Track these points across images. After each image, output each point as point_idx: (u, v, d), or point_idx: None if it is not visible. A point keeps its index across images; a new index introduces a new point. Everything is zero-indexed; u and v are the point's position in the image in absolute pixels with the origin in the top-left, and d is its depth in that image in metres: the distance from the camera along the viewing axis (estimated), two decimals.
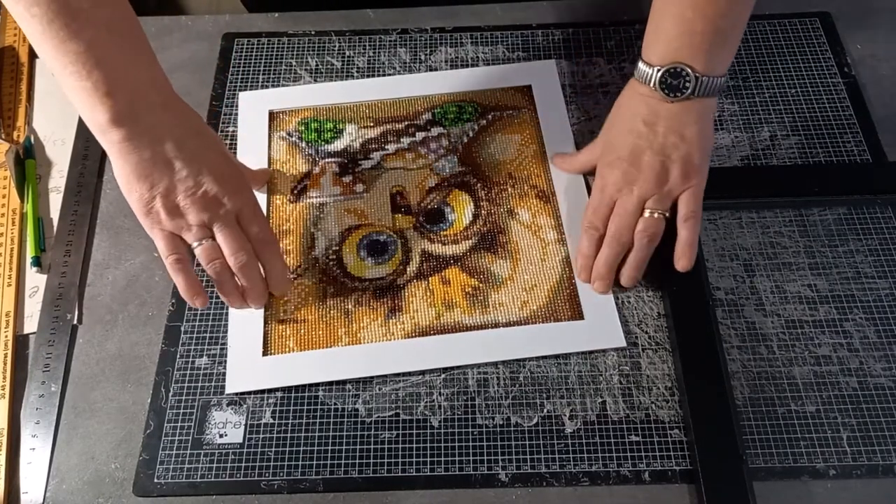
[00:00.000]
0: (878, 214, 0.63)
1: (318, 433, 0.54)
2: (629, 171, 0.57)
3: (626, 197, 0.57)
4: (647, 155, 0.57)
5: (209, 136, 0.57)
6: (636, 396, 0.55)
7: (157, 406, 0.56)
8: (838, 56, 0.72)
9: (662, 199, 0.57)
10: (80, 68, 0.49)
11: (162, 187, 0.53)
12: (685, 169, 0.56)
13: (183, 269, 0.55)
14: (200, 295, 0.55)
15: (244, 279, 0.56)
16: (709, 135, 0.58)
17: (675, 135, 0.56)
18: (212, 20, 0.77)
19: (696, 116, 0.57)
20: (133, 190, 0.53)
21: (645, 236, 0.57)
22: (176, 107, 0.55)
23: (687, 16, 0.54)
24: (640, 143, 0.57)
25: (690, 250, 0.56)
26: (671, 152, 0.56)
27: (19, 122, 0.71)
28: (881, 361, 0.56)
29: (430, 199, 0.65)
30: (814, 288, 0.59)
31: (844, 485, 0.52)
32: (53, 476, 0.54)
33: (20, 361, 0.58)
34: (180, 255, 0.55)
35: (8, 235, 0.64)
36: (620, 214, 0.57)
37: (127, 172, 0.53)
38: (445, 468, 0.53)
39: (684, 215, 0.57)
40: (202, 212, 0.54)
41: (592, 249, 0.58)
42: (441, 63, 0.73)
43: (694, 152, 0.57)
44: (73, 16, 0.48)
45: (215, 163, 0.55)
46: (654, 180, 0.57)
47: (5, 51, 0.75)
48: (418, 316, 0.59)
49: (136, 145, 0.52)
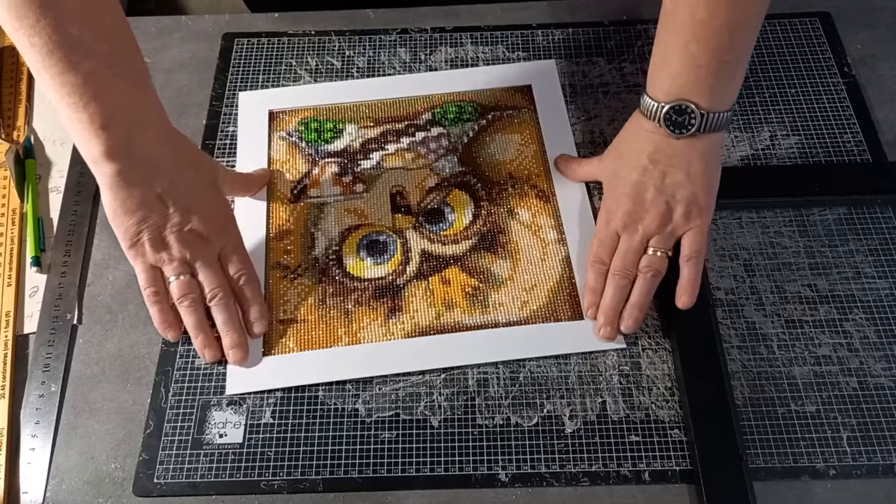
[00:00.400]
0: (878, 214, 0.63)
1: (318, 433, 0.54)
2: (634, 209, 0.57)
3: (630, 234, 0.57)
4: (651, 193, 0.57)
5: (202, 170, 0.58)
6: (636, 396, 0.55)
7: (156, 406, 0.56)
8: (838, 56, 0.72)
9: (666, 238, 0.57)
10: (77, 100, 0.49)
11: (150, 223, 0.54)
12: (689, 209, 0.56)
13: (158, 302, 0.56)
14: (173, 328, 0.56)
15: (218, 314, 0.56)
16: (714, 171, 0.57)
17: (681, 173, 0.56)
18: (212, 20, 0.77)
19: (702, 153, 0.56)
20: (121, 223, 0.54)
21: (648, 272, 0.57)
22: (172, 141, 0.56)
23: (691, 49, 0.53)
24: (645, 180, 0.57)
25: (692, 288, 0.56)
26: (676, 192, 0.56)
27: (19, 122, 0.71)
28: (881, 361, 0.56)
29: (430, 199, 0.65)
30: (814, 288, 0.59)
31: (844, 485, 0.52)
32: (53, 476, 0.54)
33: (20, 361, 0.58)
34: (157, 289, 0.56)
35: (8, 235, 0.64)
36: (624, 252, 0.57)
37: (116, 206, 0.53)
38: (445, 468, 0.53)
39: (687, 255, 0.57)
40: (185, 248, 0.55)
41: (600, 283, 0.58)
42: (441, 63, 0.73)
43: (699, 192, 0.56)
44: (73, 48, 0.48)
45: (205, 201, 0.57)
46: (659, 220, 0.57)
47: (5, 51, 0.75)
48: (418, 316, 0.59)
49: (127, 180, 0.53)
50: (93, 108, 0.50)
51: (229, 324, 0.57)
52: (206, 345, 0.56)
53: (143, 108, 0.54)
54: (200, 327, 0.56)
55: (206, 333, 0.56)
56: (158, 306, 0.56)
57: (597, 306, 0.57)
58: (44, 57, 0.48)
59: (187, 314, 0.56)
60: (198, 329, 0.56)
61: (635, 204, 0.57)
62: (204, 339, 0.56)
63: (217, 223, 0.57)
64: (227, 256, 0.58)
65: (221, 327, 0.57)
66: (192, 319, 0.56)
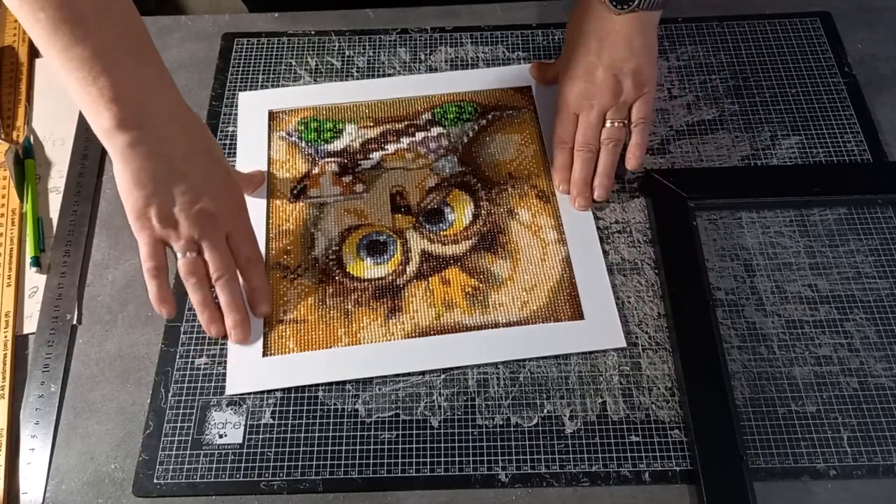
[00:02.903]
0: (879, 214, 0.62)
1: (318, 433, 0.54)
2: (587, 87, 0.62)
3: (587, 112, 0.63)
4: (601, 71, 0.62)
5: (214, 150, 0.57)
6: (636, 397, 0.55)
7: (156, 406, 0.56)
8: (838, 56, 0.72)
9: (620, 108, 0.62)
10: (85, 74, 0.49)
11: (160, 198, 0.53)
12: (636, 79, 0.61)
13: (157, 277, 0.55)
14: (168, 304, 0.56)
15: (222, 295, 0.57)
16: (654, 45, 0.63)
17: (625, 48, 0.61)
18: (212, 20, 0.77)
19: (641, 28, 0.61)
20: (130, 195, 0.53)
21: (610, 143, 0.63)
22: (184, 118, 0.55)
23: None
24: (593, 59, 0.62)
25: (640, 151, 0.62)
26: (622, 66, 0.61)
27: (19, 122, 0.71)
28: (882, 361, 0.56)
29: (430, 199, 0.64)
30: (814, 288, 0.59)
31: (845, 485, 0.52)
32: (53, 476, 0.54)
33: (20, 362, 0.58)
34: (159, 263, 0.55)
35: (7, 235, 0.64)
36: (585, 128, 0.63)
37: (127, 178, 0.53)
38: (445, 468, 0.53)
39: (635, 121, 0.62)
40: (194, 227, 0.55)
41: (566, 161, 0.64)
42: (441, 63, 0.73)
43: (644, 64, 0.62)
44: (79, 22, 0.48)
45: (216, 182, 0.56)
46: (610, 93, 0.62)
47: (5, 50, 0.75)
48: (418, 316, 0.59)
49: (139, 153, 0.52)
50: (102, 82, 0.49)
51: (233, 304, 0.57)
52: (212, 320, 0.57)
53: (154, 81, 0.53)
54: (206, 304, 0.57)
55: (212, 310, 0.57)
56: (157, 281, 0.55)
57: (567, 182, 0.63)
58: (50, 32, 0.48)
59: (193, 291, 0.57)
60: (203, 305, 0.57)
61: (587, 83, 0.62)
62: (210, 314, 0.57)
63: (228, 206, 0.57)
64: (236, 239, 0.58)
65: (225, 307, 0.57)
66: (199, 296, 0.57)
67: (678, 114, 0.69)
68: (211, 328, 0.57)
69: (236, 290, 0.58)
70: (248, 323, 0.58)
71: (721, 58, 0.72)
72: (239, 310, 0.57)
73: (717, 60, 0.72)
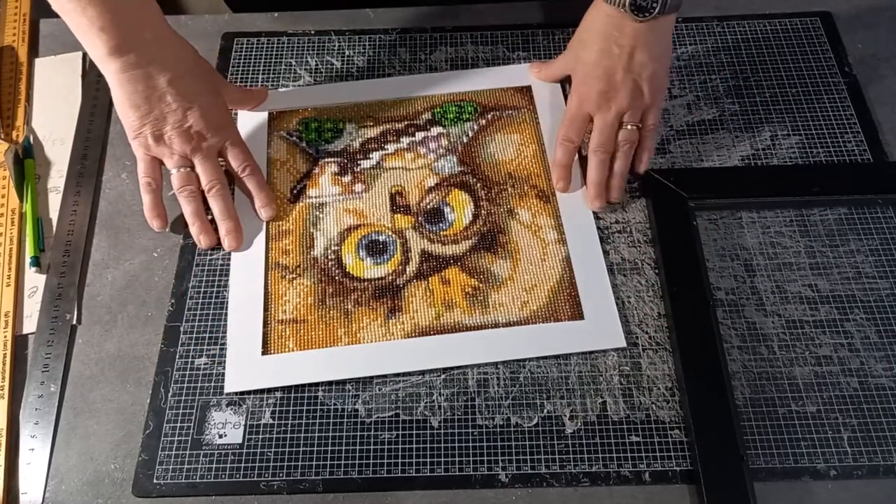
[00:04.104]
0: (879, 214, 0.62)
1: (318, 433, 0.54)
2: (606, 89, 0.63)
3: (604, 113, 0.63)
4: (621, 74, 0.62)
5: (202, 72, 0.62)
6: (636, 397, 0.55)
7: (156, 406, 0.56)
8: (839, 56, 0.72)
9: (636, 113, 0.63)
10: (76, 5, 0.54)
11: (152, 118, 0.59)
12: (653, 86, 0.63)
13: (152, 192, 0.61)
14: (160, 218, 0.61)
15: (215, 204, 0.61)
16: (670, 50, 0.64)
17: (645, 53, 0.62)
18: (212, 20, 0.77)
19: (659, 34, 0.62)
20: (126, 116, 0.59)
21: (626, 145, 0.63)
22: (171, 42, 0.60)
23: None
24: (614, 63, 0.62)
25: (649, 156, 0.64)
26: (642, 71, 0.62)
27: (18, 122, 0.71)
28: (882, 362, 0.56)
29: (430, 199, 0.64)
30: (814, 288, 0.59)
31: (845, 485, 0.52)
32: (52, 476, 0.54)
33: (19, 362, 0.58)
34: (154, 178, 0.61)
35: (7, 235, 0.64)
36: (601, 129, 0.63)
37: (122, 100, 0.59)
38: (445, 469, 0.53)
39: (647, 126, 0.64)
40: (185, 144, 0.60)
41: (568, 159, 0.64)
42: (441, 63, 0.73)
43: (660, 70, 0.63)
44: None
45: (204, 101, 0.61)
46: (630, 96, 0.62)
47: (5, 50, 0.75)
48: (418, 316, 0.59)
49: (131, 77, 0.58)
50: (91, 12, 0.54)
51: (225, 212, 0.62)
52: (202, 231, 0.61)
53: (140, 12, 0.58)
54: (197, 214, 0.61)
55: (202, 221, 0.62)
56: (151, 195, 0.61)
57: (566, 180, 0.64)
58: None
59: (186, 203, 0.61)
60: (195, 216, 0.61)
61: (607, 85, 0.62)
62: (200, 225, 0.61)
63: (215, 122, 0.61)
64: (229, 151, 0.63)
65: (218, 216, 0.62)
66: (191, 208, 0.61)
67: (678, 114, 0.69)
68: (201, 239, 0.61)
69: (228, 199, 0.62)
70: (241, 231, 0.62)
71: (721, 58, 0.72)
72: (231, 218, 0.62)
73: (717, 60, 0.72)
